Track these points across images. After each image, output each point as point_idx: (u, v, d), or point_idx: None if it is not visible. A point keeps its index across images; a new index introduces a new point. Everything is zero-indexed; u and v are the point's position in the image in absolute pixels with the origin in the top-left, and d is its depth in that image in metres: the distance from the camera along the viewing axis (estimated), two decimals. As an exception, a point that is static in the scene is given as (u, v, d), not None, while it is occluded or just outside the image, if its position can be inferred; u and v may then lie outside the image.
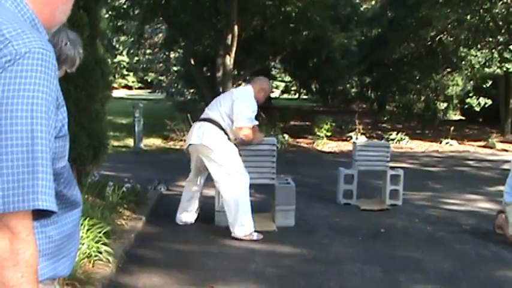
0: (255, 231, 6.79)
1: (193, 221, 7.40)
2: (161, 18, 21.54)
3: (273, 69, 32.42)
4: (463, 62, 21.56)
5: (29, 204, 1.32)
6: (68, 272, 1.68)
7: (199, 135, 6.83)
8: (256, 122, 7.13)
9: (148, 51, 33.77)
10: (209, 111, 6.95)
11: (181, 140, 16.91)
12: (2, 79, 1.32)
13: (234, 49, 18.16)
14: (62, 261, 1.62)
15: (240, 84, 27.99)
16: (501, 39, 20.51)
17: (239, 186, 6.72)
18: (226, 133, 6.78)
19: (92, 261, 5.12)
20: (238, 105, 6.75)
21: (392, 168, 9.14)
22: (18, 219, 1.32)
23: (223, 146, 6.75)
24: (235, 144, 6.88)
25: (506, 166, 12.48)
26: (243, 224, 6.71)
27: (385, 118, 24.96)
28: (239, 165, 6.79)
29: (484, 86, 22.69)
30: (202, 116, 7.02)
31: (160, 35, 28.73)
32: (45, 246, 1.52)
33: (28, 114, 1.33)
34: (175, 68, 32.64)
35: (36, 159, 1.33)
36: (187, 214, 7.38)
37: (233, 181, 6.72)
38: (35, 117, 1.34)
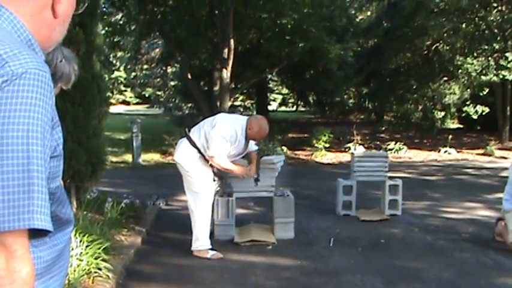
0: (211, 249, 6.76)
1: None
2: (157, 33, 21.62)
3: (270, 81, 32.49)
4: (460, 71, 21.56)
5: (25, 223, 1.32)
6: None
7: (176, 150, 6.92)
8: (256, 148, 7.19)
9: (145, 66, 33.91)
10: (192, 130, 6.93)
11: (179, 155, 16.88)
12: None
13: (230, 62, 18.20)
14: (52, 281, 1.62)
15: (237, 98, 28.21)
16: (497, 47, 20.53)
17: (200, 205, 6.73)
18: (200, 152, 6.70)
19: (91, 278, 5.11)
20: (213, 133, 6.57)
21: (390, 178, 9.15)
22: (13, 237, 1.32)
23: (193, 164, 6.70)
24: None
25: (505, 173, 12.48)
26: (198, 239, 6.73)
27: (383, 128, 24.97)
28: (205, 185, 6.76)
29: (481, 93, 22.68)
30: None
31: (157, 50, 28.86)
32: (36, 267, 1.52)
33: (24, 134, 1.33)
34: (172, 83, 32.73)
35: (32, 178, 1.34)
36: None
37: (197, 199, 6.74)
38: (31, 137, 1.34)
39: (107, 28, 20.52)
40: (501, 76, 19.70)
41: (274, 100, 41.31)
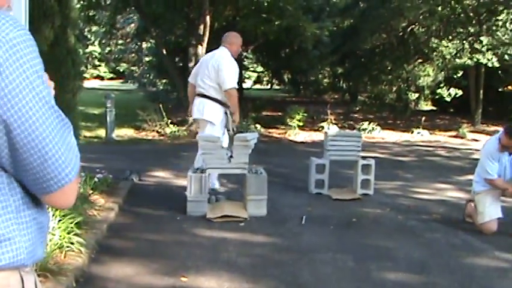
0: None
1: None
2: (133, 8, 21.44)
3: (245, 59, 32.41)
4: (435, 53, 21.71)
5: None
6: (44, 254, 1.67)
7: (200, 109, 7.96)
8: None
9: (120, 41, 33.61)
10: (203, 87, 7.92)
11: (153, 131, 16.89)
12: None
13: (206, 39, 18.13)
14: (41, 244, 1.62)
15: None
16: (472, 30, 20.69)
17: None
18: (222, 103, 7.96)
19: (63, 252, 5.09)
20: (223, 69, 7.67)
21: (363, 158, 9.20)
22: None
23: (219, 120, 7.98)
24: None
25: (476, 156, 12.61)
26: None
27: (357, 108, 25.07)
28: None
29: (455, 76, 22.85)
30: (200, 92, 8.00)
31: (132, 25, 28.60)
32: (38, 231, 1.55)
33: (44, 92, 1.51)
34: (147, 59, 32.49)
35: (69, 131, 1.54)
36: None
37: None
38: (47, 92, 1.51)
39: (82, 2, 20.30)
40: (475, 59, 19.86)
41: (248, 78, 41.15)
